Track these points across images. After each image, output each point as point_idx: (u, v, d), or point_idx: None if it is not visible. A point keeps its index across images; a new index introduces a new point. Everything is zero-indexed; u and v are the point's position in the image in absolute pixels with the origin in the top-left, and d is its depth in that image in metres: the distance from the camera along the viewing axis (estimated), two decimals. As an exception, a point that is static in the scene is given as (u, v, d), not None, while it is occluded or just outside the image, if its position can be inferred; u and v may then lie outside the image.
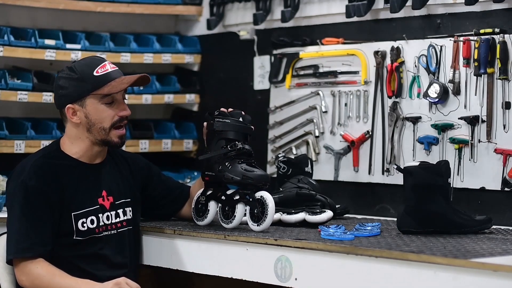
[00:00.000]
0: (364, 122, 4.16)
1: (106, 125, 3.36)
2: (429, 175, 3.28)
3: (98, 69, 3.35)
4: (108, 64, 3.40)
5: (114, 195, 3.45)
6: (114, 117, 3.37)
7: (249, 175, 3.33)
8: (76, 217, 3.32)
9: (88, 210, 3.35)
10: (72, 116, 3.36)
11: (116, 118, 3.37)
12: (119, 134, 3.39)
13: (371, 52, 4.11)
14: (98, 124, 3.35)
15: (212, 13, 4.80)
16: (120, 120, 3.38)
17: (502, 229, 3.49)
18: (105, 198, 3.42)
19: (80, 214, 3.33)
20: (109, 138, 3.38)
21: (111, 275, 3.35)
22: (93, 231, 3.35)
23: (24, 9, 4.40)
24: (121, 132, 3.39)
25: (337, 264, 2.95)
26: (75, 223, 3.31)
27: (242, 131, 3.44)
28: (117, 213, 3.43)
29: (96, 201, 3.38)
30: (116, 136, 3.39)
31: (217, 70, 4.87)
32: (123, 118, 3.39)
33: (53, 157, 3.38)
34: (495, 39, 3.65)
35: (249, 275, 3.20)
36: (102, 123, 3.35)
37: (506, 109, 3.66)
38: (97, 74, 3.34)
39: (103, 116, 3.35)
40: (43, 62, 4.38)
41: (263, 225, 3.29)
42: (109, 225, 3.40)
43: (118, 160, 3.56)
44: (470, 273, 2.63)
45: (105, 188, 3.43)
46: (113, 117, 3.37)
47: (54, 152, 3.41)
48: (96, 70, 3.35)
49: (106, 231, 3.39)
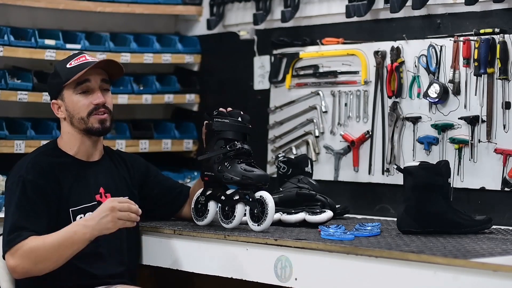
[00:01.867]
0: (364, 122, 4.16)
1: (83, 114, 3.38)
2: (429, 175, 3.28)
3: (72, 61, 3.40)
4: (87, 56, 3.42)
5: (111, 192, 3.45)
6: (89, 105, 3.38)
7: (248, 175, 3.33)
8: (74, 213, 3.32)
9: (86, 206, 3.35)
10: (58, 112, 3.43)
11: (92, 106, 3.38)
12: (98, 118, 3.39)
13: (371, 52, 4.11)
14: (76, 115, 3.38)
15: (212, 13, 4.81)
16: (95, 109, 3.38)
17: (502, 229, 3.49)
18: (103, 195, 3.42)
19: (77, 210, 3.33)
20: (90, 125, 3.38)
21: (108, 273, 3.35)
22: None
23: (24, 9, 4.40)
24: (100, 117, 3.39)
25: (337, 264, 2.95)
26: (73, 219, 3.31)
27: (241, 131, 3.43)
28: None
29: (93, 198, 3.39)
30: (96, 121, 3.39)
31: (217, 70, 4.87)
32: (99, 106, 3.38)
33: (51, 155, 3.40)
34: (495, 39, 3.65)
35: (249, 275, 3.20)
36: (79, 113, 3.38)
37: (506, 109, 3.66)
38: (69, 66, 3.39)
39: (79, 106, 3.38)
40: (43, 62, 4.38)
41: (263, 225, 3.29)
42: None
43: (115, 159, 3.58)
44: (470, 273, 2.63)
45: (102, 185, 3.44)
46: (88, 106, 3.38)
47: (52, 150, 3.44)
48: (69, 63, 3.40)
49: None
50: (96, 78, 3.40)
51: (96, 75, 3.40)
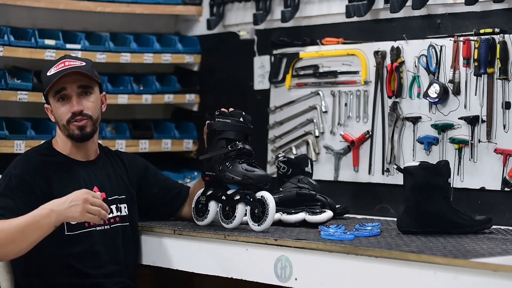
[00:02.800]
0: (364, 122, 4.16)
1: (63, 121, 3.40)
2: (429, 175, 3.28)
3: (51, 69, 3.41)
4: (68, 62, 3.41)
5: (106, 191, 3.45)
6: (67, 113, 3.39)
7: (249, 175, 3.33)
8: None
9: None
10: (50, 115, 3.47)
11: (69, 114, 3.39)
12: (77, 125, 3.39)
13: (371, 52, 4.11)
14: (59, 121, 3.42)
15: (212, 13, 4.80)
16: (72, 117, 3.38)
17: (502, 229, 3.49)
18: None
19: None
20: (71, 132, 3.40)
21: (104, 273, 3.35)
22: (83, 225, 3.34)
23: (24, 9, 4.40)
24: (78, 124, 3.39)
25: (337, 264, 2.95)
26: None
27: (242, 131, 3.44)
28: (110, 209, 3.43)
29: None
30: (76, 128, 3.40)
31: (217, 70, 4.87)
32: (76, 114, 3.38)
33: (44, 154, 3.42)
34: (495, 39, 3.65)
35: (249, 275, 3.20)
36: (61, 120, 3.40)
37: (506, 109, 3.66)
38: (49, 74, 3.40)
39: (59, 113, 3.41)
40: (43, 62, 4.36)
41: (263, 225, 3.29)
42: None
43: (113, 159, 3.58)
44: (470, 273, 2.63)
45: (96, 185, 3.44)
46: (66, 114, 3.39)
47: (46, 149, 3.46)
48: (49, 70, 3.41)
49: (99, 226, 3.38)
50: (72, 85, 3.38)
51: (72, 82, 3.38)
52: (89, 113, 3.40)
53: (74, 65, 3.40)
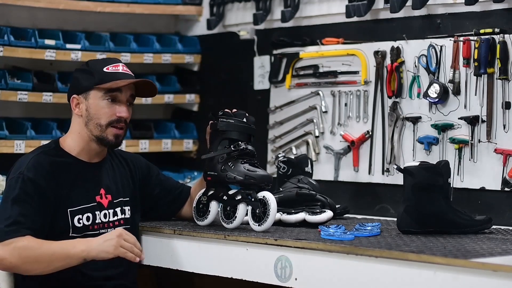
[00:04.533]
0: (364, 122, 4.16)
1: (103, 121, 3.36)
2: (429, 175, 3.28)
3: (109, 66, 3.40)
4: (122, 66, 3.44)
5: (112, 193, 3.45)
6: (112, 116, 3.37)
7: (251, 175, 3.32)
8: (72, 213, 3.31)
9: (85, 207, 3.35)
10: (75, 107, 3.40)
11: (114, 117, 3.37)
12: (115, 133, 3.38)
13: (371, 52, 4.11)
14: (96, 119, 3.37)
15: (212, 13, 4.81)
16: (117, 121, 3.38)
17: (502, 229, 3.49)
18: (103, 196, 3.42)
19: (76, 210, 3.32)
20: (105, 135, 3.38)
21: (105, 275, 3.35)
22: (88, 228, 3.34)
23: (24, 9, 4.40)
24: (117, 132, 3.39)
25: (337, 264, 2.95)
26: (71, 220, 3.31)
27: (245, 131, 3.44)
28: (114, 211, 3.44)
29: (93, 199, 3.38)
30: (112, 134, 3.38)
31: (217, 70, 4.87)
32: (121, 119, 3.38)
33: (52, 154, 3.39)
34: (495, 39, 3.65)
35: (249, 275, 3.20)
36: (99, 119, 3.36)
37: (506, 109, 3.66)
38: (106, 70, 3.38)
39: (102, 112, 3.37)
40: (43, 62, 4.38)
41: (264, 225, 3.29)
42: (106, 223, 3.40)
43: (117, 160, 3.57)
44: (470, 273, 2.63)
45: (103, 187, 3.44)
46: (111, 116, 3.37)
47: (53, 149, 3.42)
48: (106, 67, 3.39)
49: (103, 229, 3.38)
50: (127, 91, 3.40)
51: (128, 88, 3.41)
52: (128, 123, 3.43)
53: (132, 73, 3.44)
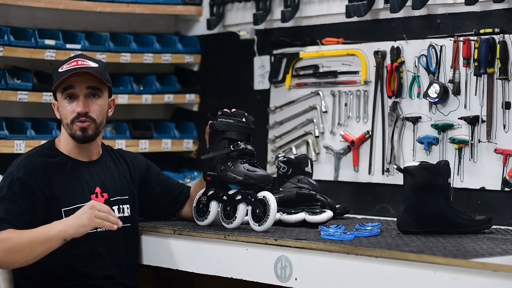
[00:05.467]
0: (364, 122, 4.16)
1: (68, 120, 3.37)
2: (429, 175, 3.28)
3: (64, 65, 3.38)
4: (81, 60, 3.38)
5: (109, 192, 3.44)
6: (72, 113, 3.36)
7: (251, 175, 3.32)
8: (67, 213, 3.29)
9: (80, 206, 3.31)
10: (56, 112, 3.44)
11: (74, 114, 3.36)
12: (80, 126, 3.36)
13: (371, 52, 4.11)
14: (64, 119, 3.39)
15: (212, 13, 4.80)
16: (77, 117, 3.35)
17: (502, 229, 3.49)
18: (99, 194, 3.41)
19: (70, 210, 3.30)
20: (74, 132, 3.37)
21: (105, 274, 3.35)
22: None
23: (24, 9, 4.40)
24: (81, 125, 3.36)
25: (337, 264, 2.95)
26: None
27: (245, 131, 3.43)
28: (112, 210, 3.43)
29: (88, 198, 3.36)
30: (78, 128, 3.37)
31: (217, 70, 4.87)
32: (81, 114, 3.35)
33: (46, 155, 3.39)
34: (495, 39, 3.65)
35: (249, 275, 3.20)
36: (66, 119, 3.38)
37: (506, 109, 3.66)
38: (60, 70, 3.37)
39: (65, 112, 3.38)
40: (43, 62, 4.38)
41: (264, 225, 3.29)
42: None
43: (116, 158, 3.57)
44: (470, 273, 2.63)
45: (99, 185, 3.43)
46: (72, 113, 3.36)
47: (48, 149, 3.43)
48: (62, 67, 3.38)
49: (100, 228, 3.37)
50: (81, 85, 3.35)
51: (82, 82, 3.35)
52: (94, 116, 3.37)
53: (86, 65, 3.37)
